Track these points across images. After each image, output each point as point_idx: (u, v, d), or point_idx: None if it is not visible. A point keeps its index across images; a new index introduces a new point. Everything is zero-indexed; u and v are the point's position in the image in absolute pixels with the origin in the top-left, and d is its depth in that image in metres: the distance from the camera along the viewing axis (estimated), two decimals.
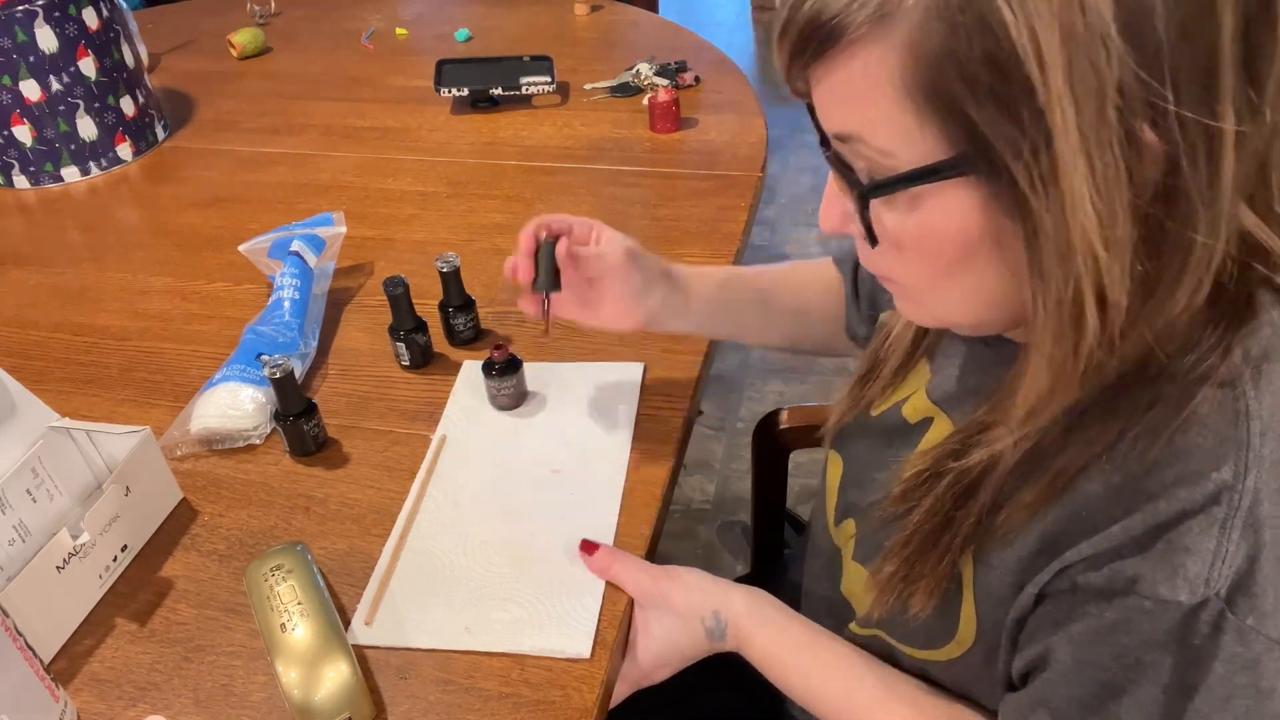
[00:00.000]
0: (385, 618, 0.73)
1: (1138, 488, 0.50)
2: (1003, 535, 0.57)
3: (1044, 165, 0.44)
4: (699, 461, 2.05)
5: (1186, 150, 0.44)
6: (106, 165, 1.44)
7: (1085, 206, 0.44)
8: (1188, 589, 0.48)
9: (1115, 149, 0.43)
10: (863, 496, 0.72)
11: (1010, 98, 0.44)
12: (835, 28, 0.47)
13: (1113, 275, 0.46)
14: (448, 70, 1.55)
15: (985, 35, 0.43)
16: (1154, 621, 0.49)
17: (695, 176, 1.28)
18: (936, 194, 0.49)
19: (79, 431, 0.80)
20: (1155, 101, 0.43)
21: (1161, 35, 0.42)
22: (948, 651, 0.64)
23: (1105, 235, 0.45)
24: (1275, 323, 0.51)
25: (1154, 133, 0.44)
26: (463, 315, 0.99)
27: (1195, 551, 0.48)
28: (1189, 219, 0.46)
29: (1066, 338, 0.49)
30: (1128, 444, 0.51)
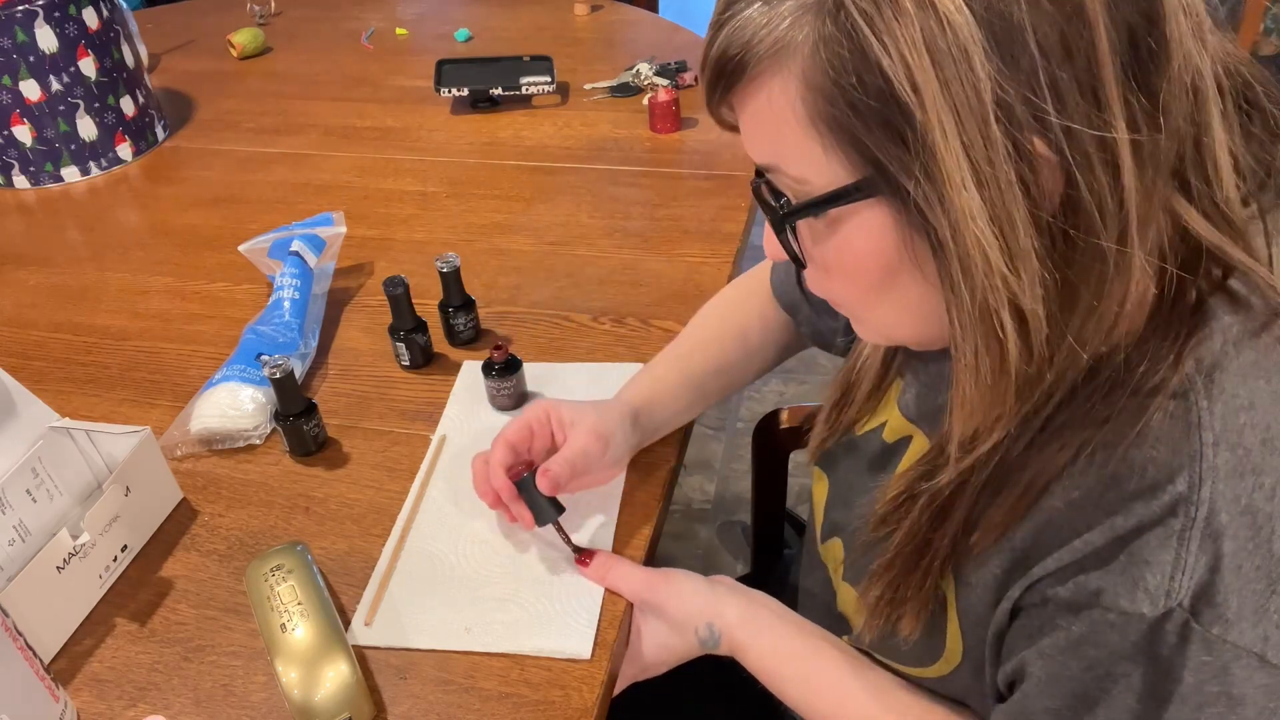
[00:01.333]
0: (385, 618, 0.73)
1: (1097, 502, 0.51)
2: (978, 555, 0.57)
3: (937, 183, 0.45)
4: (699, 461, 2.05)
5: (1079, 160, 0.45)
6: (106, 165, 1.44)
7: (980, 220, 0.45)
8: (1149, 601, 0.49)
9: (1004, 163, 0.45)
10: (847, 518, 0.73)
11: (894, 121, 0.46)
12: (740, 62, 0.50)
13: (1021, 286, 0.47)
14: (448, 70, 1.55)
15: (862, 64, 0.45)
16: (1119, 634, 0.50)
17: (695, 176, 1.28)
18: (849, 217, 0.51)
19: (79, 431, 0.80)
20: (1040, 115, 0.44)
21: (1034, 50, 0.43)
22: (938, 669, 0.64)
23: (1007, 247, 0.46)
24: (1226, 330, 0.51)
25: (1044, 145, 0.45)
26: (463, 315, 0.99)
27: (1154, 564, 0.49)
28: (1093, 227, 0.46)
29: (989, 350, 0.49)
30: (1085, 459, 0.52)
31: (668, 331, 1.00)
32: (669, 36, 1.73)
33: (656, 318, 1.03)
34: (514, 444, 0.78)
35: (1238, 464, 0.49)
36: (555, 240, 1.17)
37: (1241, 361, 0.51)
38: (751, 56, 0.49)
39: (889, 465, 0.69)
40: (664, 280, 1.08)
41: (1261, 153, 0.50)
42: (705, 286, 1.07)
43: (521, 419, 0.79)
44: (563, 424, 0.79)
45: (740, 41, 0.49)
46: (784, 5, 0.48)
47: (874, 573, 0.63)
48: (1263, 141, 0.50)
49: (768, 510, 1.17)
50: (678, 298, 1.05)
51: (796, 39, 0.47)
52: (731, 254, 1.12)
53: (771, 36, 0.48)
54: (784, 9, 0.48)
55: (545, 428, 0.80)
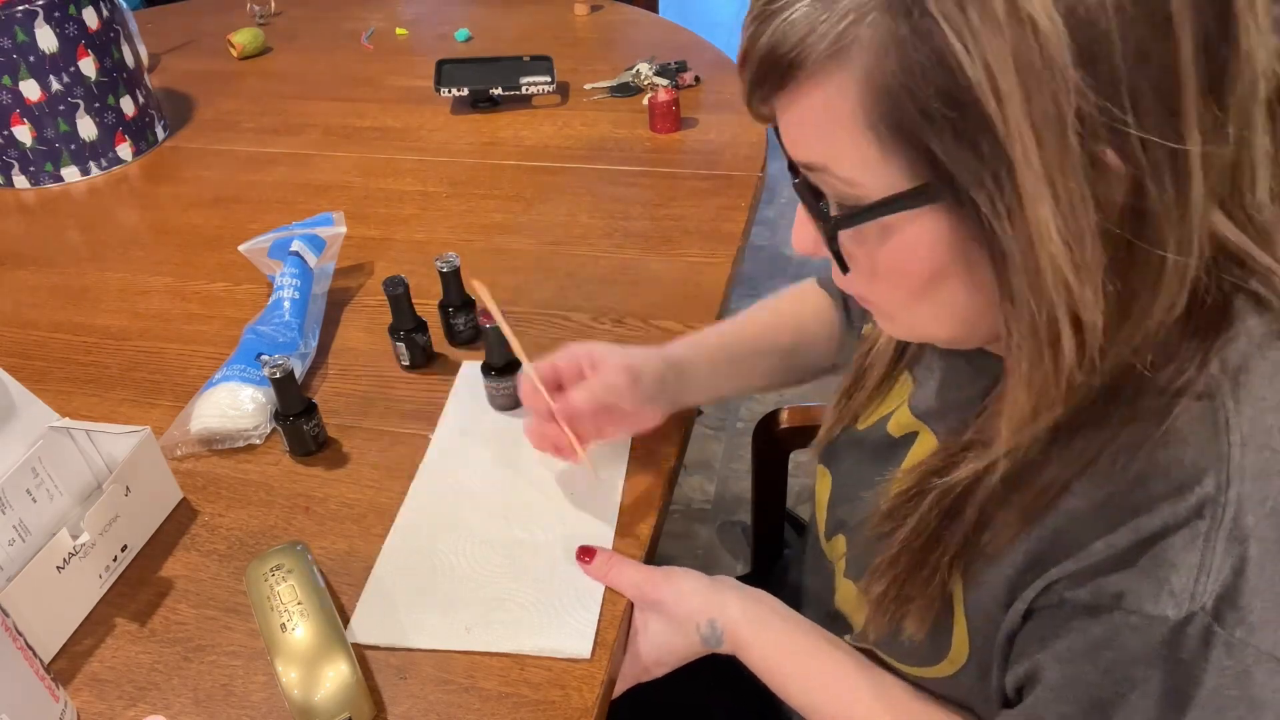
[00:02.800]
0: (385, 618, 0.73)
1: (1121, 503, 0.50)
2: (990, 553, 0.57)
3: (1008, 195, 0.44)
4: (699, 461, 2.05)
5: (1151, 172, 0.44)
6: (106, 165, 1.44)
7: (1052, 234, 0.44)
8: (1173, 603, 0.48)
9: (1079, 175, 0.44)
10: (851, 513, 0.72)
11: (970, 131, 0.44)
12: (794, 60, 0.47)
13: (1085, 298, 0.46)
14: (448, 70, 1.55)
15: (940, 69, 0.43)
16: (1141, 636, 0.49)
17: (695, 176, 1.28)
18: (904, 222, 0.49)
19: (79, 431, 0.80)
20: (1117, 126, 0.43)
21: (1119, 60, 0.42)
22: (941, 669, 0.64)
23: (1074, 260, 0.45)
24: (1251, 331, 0.51)
25: (1117, 156, 0.44)
26: (463, 315, 0.99)
27: (1179, 565, 0.48)
28: (1157, 238, 0.46)
29: (1044, 360, 0.49)
30: (1109, 459, 0.51)
31: (667, 331, 1.00)
32: (669, 36, 1.73)
33: (656, 318, 1.03)
34: (543, 378, 0.78)
35: (1265, 465, 0.48)
36: (555, 240, 1.17)
37: (1268, 363, 0.50)
38: (807, 55, 0.47)
39: (894, 459, 0.68)
40: (664, 280, 1.08)
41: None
42: (705, 286, 1.07)
43: (549, 361, 0.79)
44: (593, 360, 0.78)
45: (794, 38, 0.47)
46: (843, 2, 0.45)
47: (877, 568, 0.63)
48: None
49: (768, 510, 1.17)
50: (678, 298, 1.05)
51: (861, 38, 0.45)
52: (732, 254, 1.12)
53: (832, 34, 0.46)
54: (843, 5, 0.45)
55: (575, 366, 0.79)
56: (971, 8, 0.42)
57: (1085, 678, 0.52)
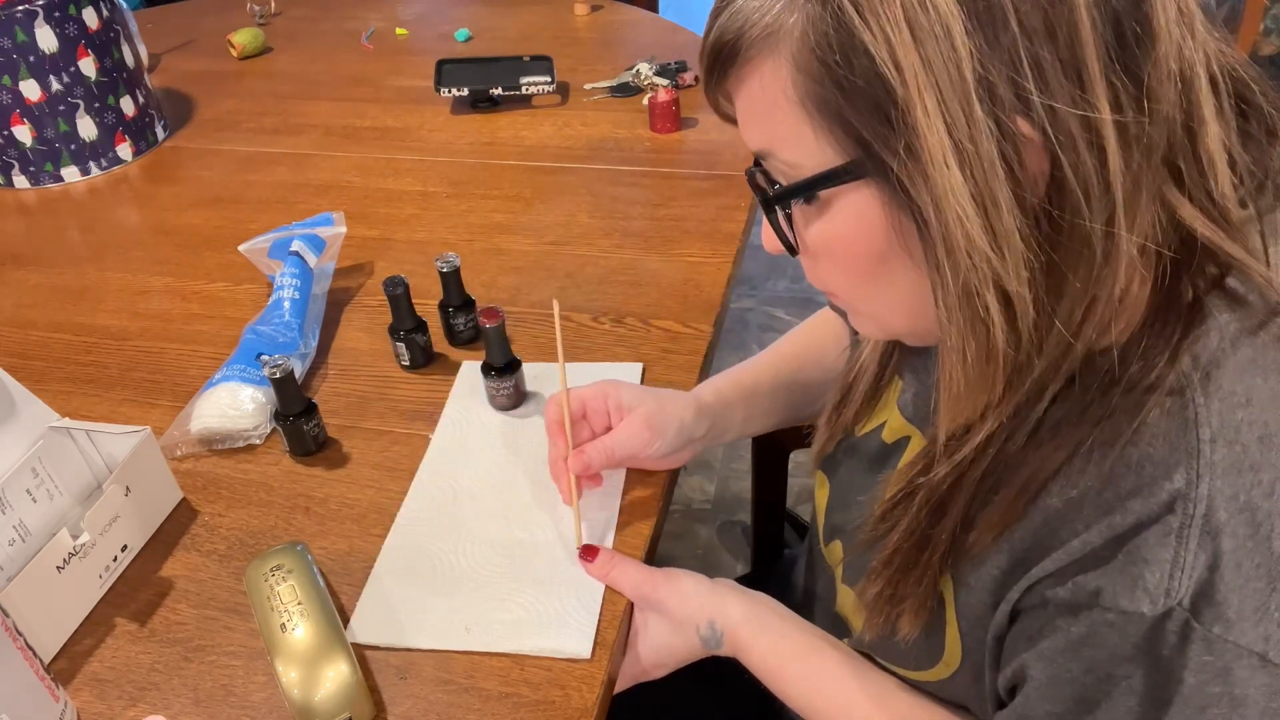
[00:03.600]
0: (385, 618, 0.73)
1: (1094, 500, 0.51)
2: (976, 555, 0.57)
3: (919, 160, 0.46)
4: (699, 461, 2.05)
5: (1063, 140, 0.45)
6: (106, 165, 1.44)
7: (962, 198, 0.46)
8: (1148, 600, 0.48)
9: (987, 142, 0.45)
10: (848, 519, 0.73)
11: (878, 100, 0.46)
12: (733, 48, 0.51)
13: (1005, 267, 0.47)
14: (448, 70, 1.55)
15: (849, 42, 0.46)
16: (1119, 634, 0.49)
17: (695, 176, 1.28)
18: (839, 199, 0.52)
19: (79, 431, 0.80)
20: (1022, 94, 0.45)
21: (1015, 28, 0.44)
22: (937, 673, 0.64)
23: (990, 226, 0.46)
24: (1224, 327, 0.51)
25: (1028, 124, 0.45)
26: (463, 315, 0.99)
27: (1153, 562, 0.48)
28: (1078, 209, 0.47)
29: (974, 333, 0.50)
30: (1083, 457, 0.51)
31: (667, 331, 1.00)
32: (669, 36, 1.73)
33: (656, 318, 1.03)
34: (573, 410, 0.78)
35: (1236, 461, 0.49)
36: (555, 240, 1.17)
37: (1239, 359, 0.51)
38: (744, 42, 0.50)
39: (888, 465, 0.69)
40: (664, 280, 1.08)
41: (1259, 154, 0.50)
42: (705, 286, 1.07)
43: (578, 393, 0.79)
44: (620, 407, 0.78)
45: (734, 28, 0.51)
46: None
47: (872, 570, 0.63)
48: (1260, 143, 0.50)
49: (768, 510, 1.17)
50: (678, 298, 1.05)
51: (787, 22, 0.48)
52: (731, 254, 1.12)
53: (764, 21, 0.49)
54: None
55: (601, 407, 0.79)
56: None
57: (1069, 675, 0.52)
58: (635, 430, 0.77)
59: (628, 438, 0.77)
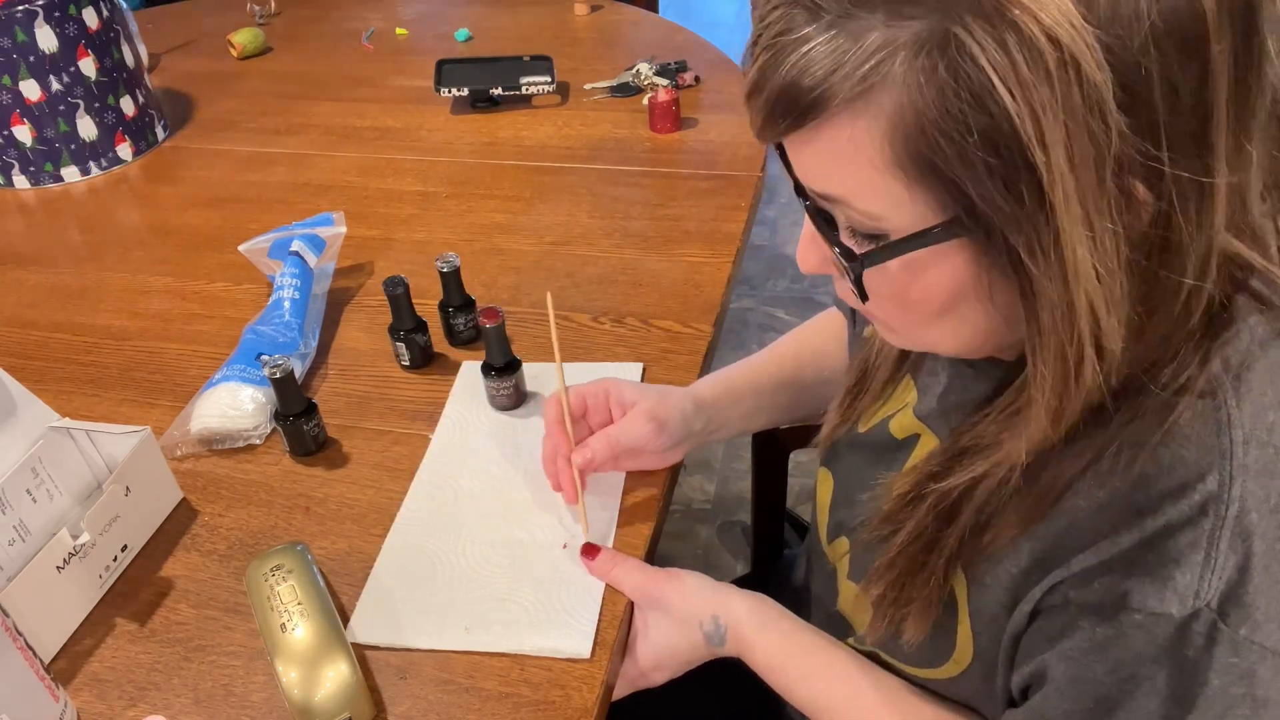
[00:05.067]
0: (385, 618, 0.73)
1: (1125, 502, 0.50)
2: (992, 554, 0.57)
3: (1044, 237, 0.44)
4: (699, 461, 2.05)
5: (1179, 204, 0.44)
6: (106, 165, 1.44)
7: (1088, 273, 0.45)
8: (1178, 601, 0.48)
9: (1112, 212, 0.44)
10: (852, 515, 0.72)
11: (1009, 174, 0.43)
12: (816, 99, 0.45)
13: (1110, 328, 0.47)
14: (448, 70, 1.55)
15: (981, 112, 0.42)
16: (1147, 635, 0.49)
17: (695, 176, 1.28)
18: (927, 255, 0.49)
19: (79, 431, 0.80)
20: (1150, 163, 0.43)
21: (1157, 100, 0.42)
22: (946, 670, 0.64)
23: (1106, 295, 0.46)
24: (1253, 330, 0.51)
25: (1146, 189, 0.44)
26: (463, 315, 0.99)
27: (1184, 563, 0.48)
28: (1178, 265, 0.46)
29: (1066, 386, 0.49)
30: (1111, 459, 0.51)
31: (667, 331, 1.00)
32: (669, 36, 1.73)
33: (656, 318, 1.03)
34: (573, 405, 0.78)
35: (1267, 463, 0.48)
36: (555, 240, 1.17)
37: (1269, 360, 0.50)
38: (833, 94, 0.45)
39: (895, 461, 0.68)
40: (664, 280, 1.08)
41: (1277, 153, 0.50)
42: (705, 286, 1.07)
43: (578, 390, 0.79)
44: (621, 402, 0.79)
45: (817, 75, 0.45)
46: (869, 38, 0.44)
47: (876, 570, 0.63)
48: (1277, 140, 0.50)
49: (768, 510, 1.17)
50: (678, 298, 1.05)
51: (891, 76, 0.44)
52: (731, 254, 1.12)
53: (859, 73, 0.44)
54: (871, 42, 0.44)
55: (602, 403, 0.79)
56: (1018, 55, 0.41)
57: (1091, 676, 0.52)
58: (639, 423, 0.77)
59: (632, 430, 0.77)
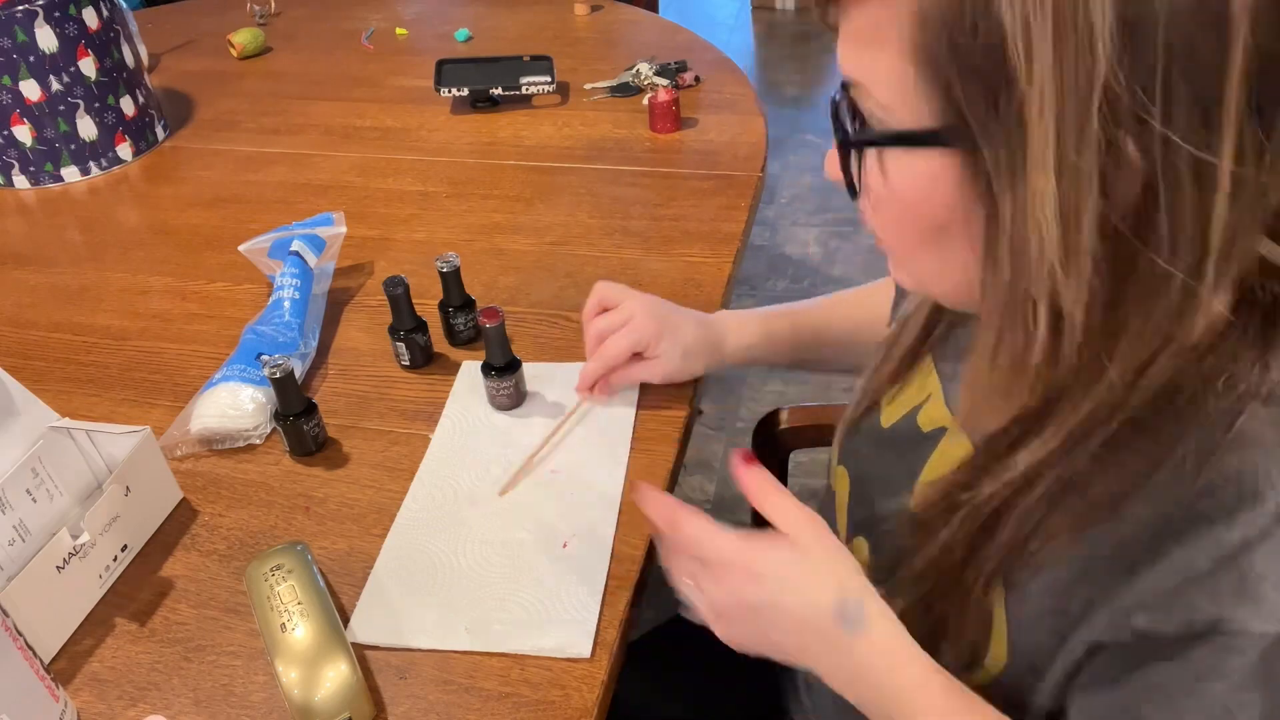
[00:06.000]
0: (385, 618, 0.73)
1: (1190, 514, 0.48)
2: (1035, 564, 0.54)
3: (1014, 155, 0.44)
4: (699, 461, 2.05)
5: (1167, 176, 0.43)
6: (106, 165, 1.44)
7: (1048, 207, 0.44)
8: (1273, 619, 0.45)
9: (1090, 155, 0.43)
10: (872, 517, 0.70)
11: (992, 81, 0.43)
12: None
13: (1067, 287, 0.45)
14: (448, 70, 1.55)
15: (981, 13, 0.43)
16: (1240, 659, 0.46)
17: (695, 176, 1.28)
18: (916, 160, 0.49)
19: (79, 431, 0.80)
20: (1143, 116, 0.42)
21: (1160, 47, 0.41)
22: (975, 678, 0.59)
23: (1065, 242, 0.44)
24: None
25: (1136, 149, 0.43)
26: (463, 315, 0.99)
27: (1270, 578, 0.45)
28: (1162, 249, 0.44)
29: (1011, 339, 0.48)
30: (1171, 469, 0.48)
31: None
32: (669, 36, 1.73)
33: None
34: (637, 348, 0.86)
35: None
36: (555, 240, 1.17)
37: None
38: None
39: (920, 457, 0.65)
40: (664, 280, 1.08)
41: None
42: (705, 286, 1.07)
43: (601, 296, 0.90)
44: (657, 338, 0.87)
45: None
46: None
47: (902, 581, 0.59)
48: None
49: None
50: (678, 298, 1.05)
51: None
52: (731, 254, 1.12)
53: None
54: None
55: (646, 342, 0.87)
56: None
57: (1185, 711, 0.48)
58: (642, 324, 0.86)
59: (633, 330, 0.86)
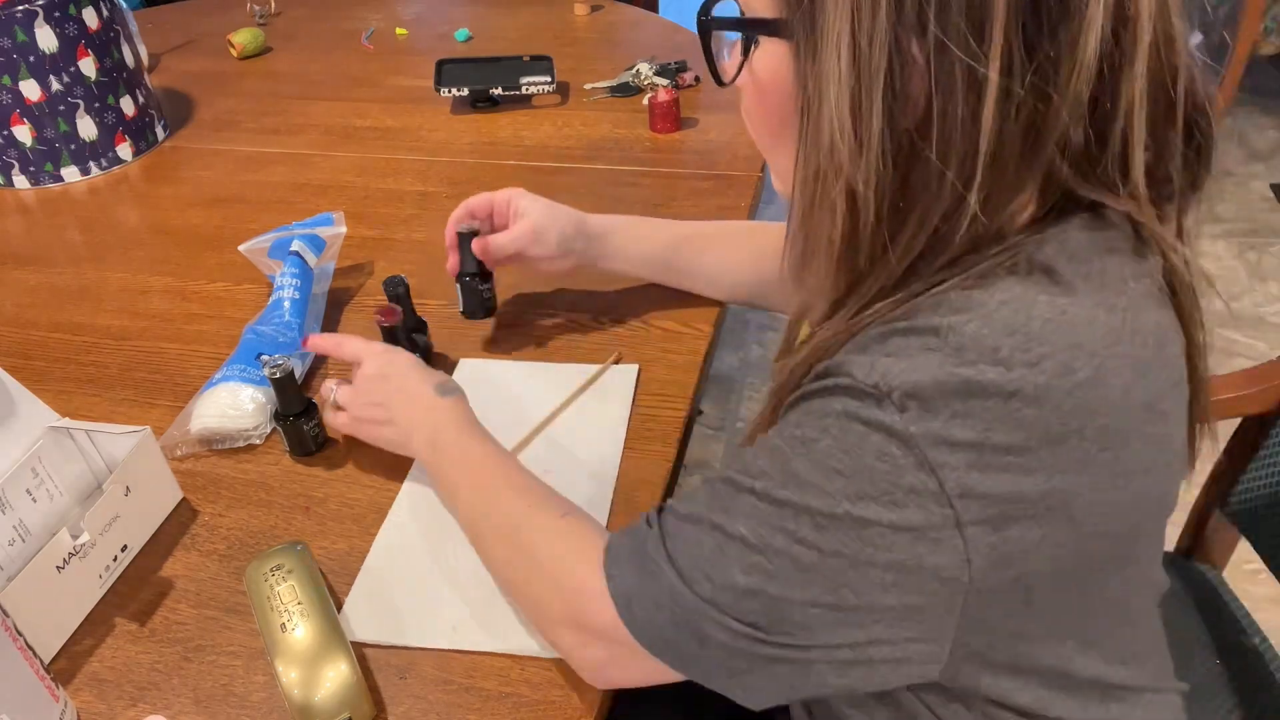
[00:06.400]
0: (373, 614, 0.73)
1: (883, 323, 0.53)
2: None
3: (816, 36, 0.49)
4: (699, 461, 2.05)
5: (943, 80, 0.47)
6: (106, 165, 1.44)
7: (841, 88, 0.48)
8: (873, 375, 0.50)
9: (880, 50, 0.47)
10: None
11: None
12: None
13: (857, 167, 0.50)
14: (448, 70, 1.55)
15: None
16: (839, 394, 0.52)
17: (695, 176, 1.28)
18: (764, 50, 0.56)
19: (79, 431, 0.80)
20: (923, 20, 0.46)
21: None
22: None
23: (855, 125, 0.49)
24: (1066, 239, 0.51)
25: (919, 53, 0.47)
26: (487, 283, 0.99)
27: (895, 355, 0.50)
28: (939, 150, 0.49)
29: (816, 217, 0.53)
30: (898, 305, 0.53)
31: (667, 331, 1.00)
32: (669, 36, 1.73)
33: (656, 318, 1.03)
34: (473, 209, 0.96)
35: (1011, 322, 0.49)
36: None
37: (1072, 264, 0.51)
38: None
39: None
40: None
41: (1189, 174, 0.53)
42: None
43: (488, 195, 0.97)
44: (517, 212, 0.96)
45: None
46: None
47: None
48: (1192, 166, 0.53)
49: None
50: (678, 298, 1.05)
51: None
52: None
53: None
54: None
55: (505, 209, 0.97)
56: None
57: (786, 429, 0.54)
58: (518, 231, 0.94)
59: (515, 237, 0.94)
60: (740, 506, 0.54)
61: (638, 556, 0.59)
